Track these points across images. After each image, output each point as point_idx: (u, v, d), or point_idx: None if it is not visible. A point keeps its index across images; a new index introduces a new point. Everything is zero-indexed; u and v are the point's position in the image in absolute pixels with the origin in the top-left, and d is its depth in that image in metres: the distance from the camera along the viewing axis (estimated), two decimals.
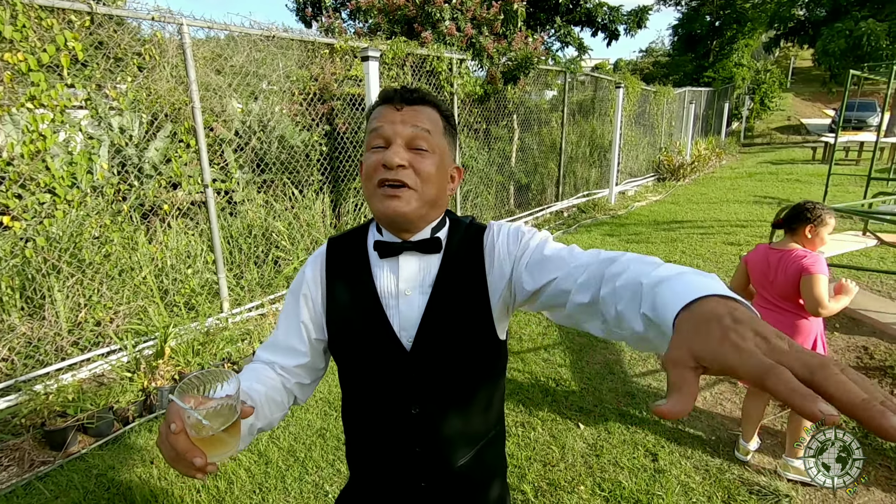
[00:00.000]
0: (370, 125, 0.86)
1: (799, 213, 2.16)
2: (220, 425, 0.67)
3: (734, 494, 2.19)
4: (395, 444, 0.91)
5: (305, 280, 0.93)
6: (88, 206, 3.16)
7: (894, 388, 2.97)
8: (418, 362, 0.87)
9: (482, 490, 0.98)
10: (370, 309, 0.88)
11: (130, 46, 3.20)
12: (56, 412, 2.63)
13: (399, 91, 0.85)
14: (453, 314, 0.87)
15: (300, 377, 0.94)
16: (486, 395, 0.95)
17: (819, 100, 26.77)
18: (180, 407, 0.65)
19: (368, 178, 0.84)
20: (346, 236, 0.95)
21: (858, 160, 13.73)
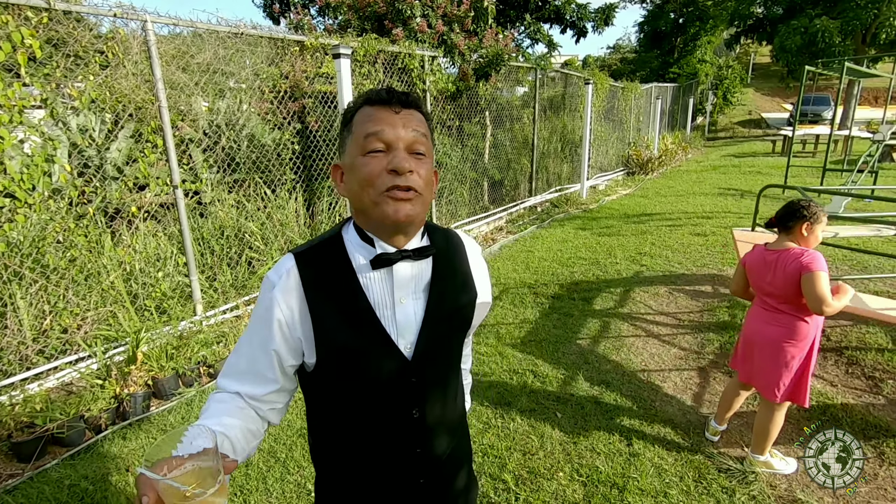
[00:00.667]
0: (363, 127, 0.81)
1: (795, 212, 2.12)
2: (201, 488, 0.58)
3: (704, 473, 2.29)
4: (396, 449, 0.91)
5: (276, 304, 0.82)
6: (51, 210, 3.05)
7: (849, 367, 3.14)
8: (419, 368, 0.88)
9: (460, 472, 1.04)
10: (366, 322, 0.83)
11: (92, 44, 3.09)
12: (23, 423, 2.54)
13: (395, 94, 0.82)
14: (448, 314, 0.91)
15: (272, 403, 0.87)
16: (460, 384, 1.03)
17: (778, 95, 27.80)
18: (150, 478, 0.57)
19: (369, 184, 0.79)
20: (317, 249, 0.87)
21: (815, 152, 14.35)
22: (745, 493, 2.16)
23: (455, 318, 0.92)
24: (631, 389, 3.01)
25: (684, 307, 4.17)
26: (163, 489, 0.57)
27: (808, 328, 2.11)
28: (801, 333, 2.11)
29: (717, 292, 4.41)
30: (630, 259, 5.40)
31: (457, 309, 0.92)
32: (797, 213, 2.12)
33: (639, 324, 3.90)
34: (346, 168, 0.85)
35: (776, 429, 2.23)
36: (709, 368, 3.23)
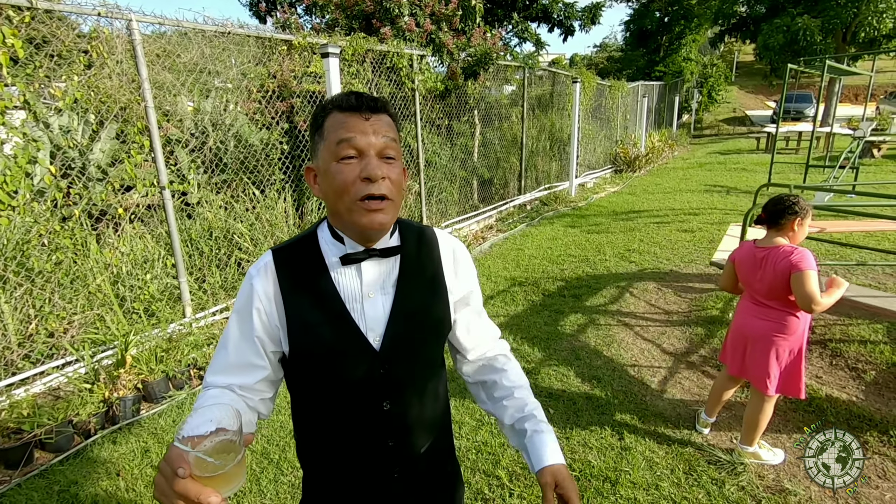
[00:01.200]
0: (335, 134, 0.83)
1: (786, 208, 2.12)
2: (227, 460, 0.64)
3: (694, 465, 2.33)
4: (368, 440, 0.93)
5: (255, 294, 0.87)
6: (35, 212, 3.01)
7: (833, 360, 3.21)
8: (387, 360, 0.91)
9: (440, 469, 1.06)
10: (336, 315, 0.88)
11: (76, 43, 3.05)
12: (10, 429, 2.50)
13: (364, 99, 0.83)
14: (415, 310, 0.94)
15: (262, 392, 0.91)
16: (440, 381, 1.03)
17: (761, 92, 28.22)
18: (183, 450, 0.63)
19: (344, 191, 0.82)
20: (292, 246, 0.92)
21: (798, 149, 14.59)
22: (734, 484, 2.20)
23: (424, 315, 0.95)
24: (622, 384, 3.04)
25: (673, 302, 4.23)
26: (193, 461, 0.63)
27: (798, 322, 2.15)
28: (791, 327, 2.14)
29: (705, 288, 4.48)
30: (619, 256, 5.46)
31: (425, 306, 0.95)
32: (789, 210, 2.13)
33: (629, 320, 3.94)
34: (320, 172, 0.87)
35: (765, 420, 2.27)
36: (698, 362, 3.28)
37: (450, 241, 1.03)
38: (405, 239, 0.96)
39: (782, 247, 2.11)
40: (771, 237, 2.20)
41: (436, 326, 0.97)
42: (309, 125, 0.90)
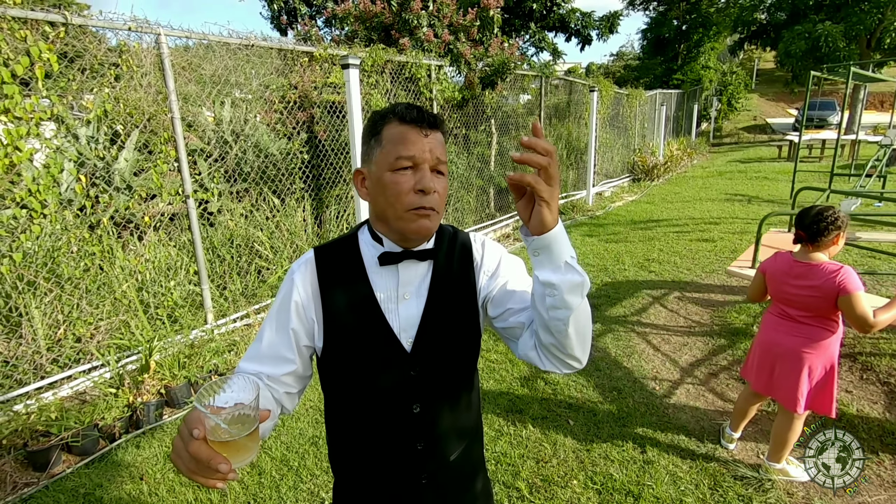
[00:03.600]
0: (390, 144, 0.86)
1: (829, 224, 2.01)
2: (241, 431, 0.67)
3: (720, 481, 2.27)
4: (397, 443, 0.94)
5: (295, 287, 0.91)
6: (66, 220, 3.09)
7: (863, 374, 3.11)
8: (419, 362, 0.92)
9: (471, 482, 1.05)
10: (370, 314, 0.91)
11: (107, 57, 3.15)
12: (38, 432, 2.56)
13: (425, 114, 0.88)
14: (448, 314, 0.95)
15: (288, 386, 0.93)
16: (472, 388, 1.04)
17: (782, 100, 27.76)
18: (202, 413, 0.65)
19: (397, 200, 0.86)
20: (333, 245, 0.96)
21: (821, 157, 14.28)
22: (762, 501, 2.14)
23: (456, 319, 0.96)
24: (643, 396, 2.99)
25: (694, 313, 4.15)
26: (209, 427, 0.65)
27: (832, 338, 2.07)
28: (823, 343, 2.07)
29: (727, 299, 4.39)
30: (638, 265, 5.39)
31: (457, 310, 0.96)
32: (832, 225, 2.01)
33: (649, 330, 3.88)
34: (372, 178, 0.90)
35: (794, 438, 2.21)
36: (721, 375, 3.21)
37: (479, 240, 1.04)
38: (439, 243, 0.98)
39: (824, 264, 2.01)
40: (808, 252, 2.09)
41: (466, 331, 0.97)
42: (364, 129, 0.93)
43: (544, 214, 0.74)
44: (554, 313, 0.80)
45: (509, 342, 0.98)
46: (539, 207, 0.74)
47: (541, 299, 0.80)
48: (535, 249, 0.78)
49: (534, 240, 0.77)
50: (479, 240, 1.03)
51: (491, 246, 1.03)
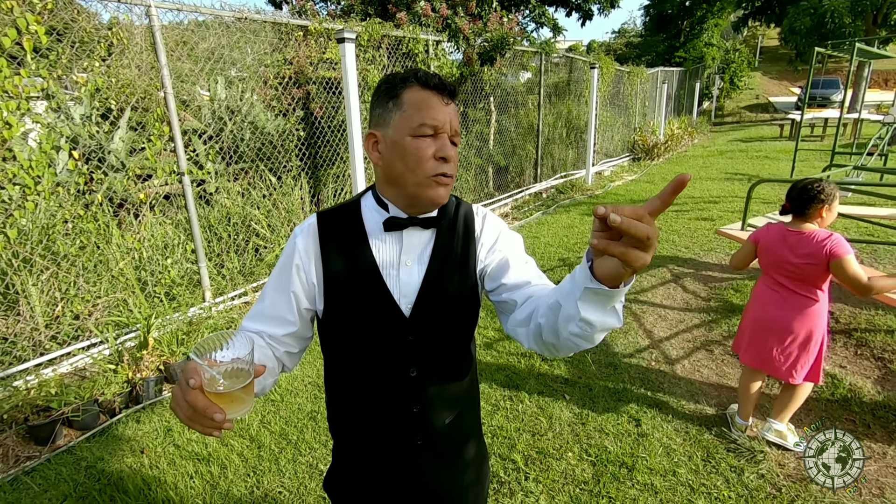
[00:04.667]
0: (412, 109, 0.85)
1: (813, 197, 2.07)
2: (236, 384, 0.69)
3: (713, 453, 2.30)
4: (393, 406, 0.96)
5: (297, 251, 0.93)
6: (60, 197, 3.07)
7: (858, 350, 3.14)
8: (417, 327, 0.93)
9: (465, 446, 1.07)
10: (371, 279, 0.91)
11: (97, 29, 3.08)
12: (39, 407, 2.58)
13: (447, 83, 0.88)
14: (447, 282, 0.95)
15: (288, 346, 0.96)
16: (468, 354, 1.05)
17: (785, 78, 27.42)
18: (198, 365, 0.67)
19: (417, 166, 0.86)
20: (336, 211, 0.96)
21: (823, 136, 14.17)
22: (753, 472, 2.18)
23: (455, 287, 0.96)
24: (639, 371, 3.01)
25: (692, 291, 4.16)
26: (206, 378, 0.67)
27: (821, 306, 2.12)
28: (816, 312, 2.12)
29: (725, 276, 4.40)
30: None
31: (456, 278, 0.96)
32: (816, 198, 2.07)
33: (646, 307, 3.90)
34: (388, 142, 0.88)
35: (798, 404, 2.29)
36: (716, 350, 3.23)
37: (482, 213, 1.05)
38: (443, 212, 0.98)
39: (815, 232, 2.07)
40: (798, 223, 2.15)
41: (464, 299, 0.98)
42: (379, 92, 0.91)
43: (625, 275, 0.63)
44: (574, 340, 0.76)
45: (500, 315, 0.99)
46: (622, 270, 0.62)
47: (568, 322, 0.74)
48: (595, 292, 0.69)
49: (599, 287, 0.67)
50: (481, 212, 1.04)
51: (492, 220, 1.03)
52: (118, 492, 2.19)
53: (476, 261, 0.99)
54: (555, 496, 2.09)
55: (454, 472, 1.04)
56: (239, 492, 2.19)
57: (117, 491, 2.19)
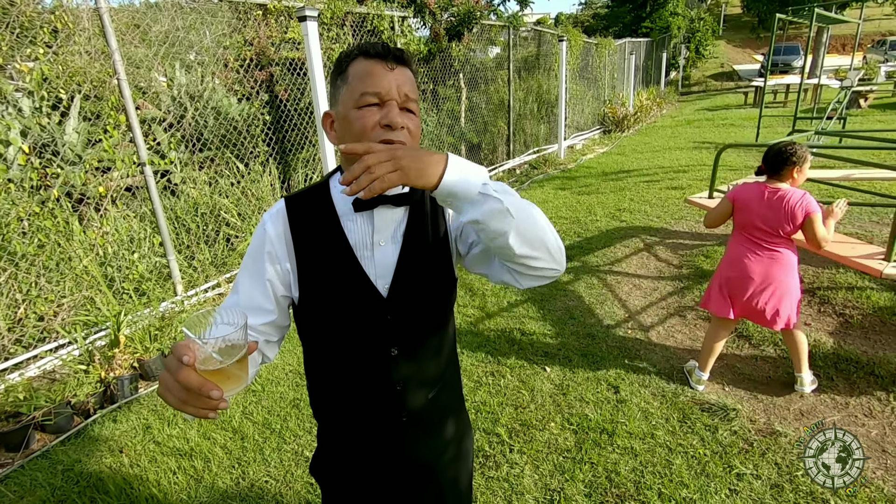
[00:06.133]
0: (356, 81, 0.83)
1: (785, 159, 2.23)
2: (231, 359, 0.66)
3: (688, 414, 2.39)
4: (377, 386, 0.96)
5: (268, 238, 0.90)
6: (13, 194, 2.92)
7: (821, 307, 3.27)
8: (395, 307, 0.92)
9: (449, 418, 1.09)
10: (345, 261, 0.89)
11: (38, 14, 2.90)
12: (8, 413, 2.49)
13: (391, 50, 0.84)
14: (423, 259, 0.95)
15: (267, 335, 0.93)
16: (448, 330, 1.05)
17: (749, 46, 27.85)
18: (192, 340, 0.64)
19: (362, 136, 0.82)
20: (304, 194, 0.94)
21: (785, 102, 14.51)
22: (727, 429, 2.27)
23: (432, 264, 0.95)
24: (616, 340, 3.08)
25: (664, 259, 4.26)
26: (200, 356, 0.64)
27: (794, 258, 2.31)
28: (793, 262, 2.30)
29: (696, 243, 4.50)
30: (610, 216, 5.46)
31: (432, 255, 0.96)
32: (789, 160, 2.23)
33: (621, 278, 3.97)
34: (339, 118, 0.88)
35: (806, 344, 2.45)
36: (689, 315, 3.33)
37: None
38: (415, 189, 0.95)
39: (791, 190, 2.23)
40: (773, 182, 2.29)
41: (442, 275, 0.97)
42: (332, 72, 0.89)
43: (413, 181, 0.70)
44: (496, 242, 0.78)
45: (483, 274, 0.98)
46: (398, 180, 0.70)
47: (478, 236, 0.81)
48: (441, 201, 0.76)
49: (433, 195, 0.74)
50: None
51: None
52: (98, 493, 2.14)
53: (448, 231, 0.98)
54: (539, 465, 2.14)
55: (439, 446, 1.05)
56: (224, 484, 2.17)
57: (97, 492, 2.15)
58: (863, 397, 2.44)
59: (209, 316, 0.71)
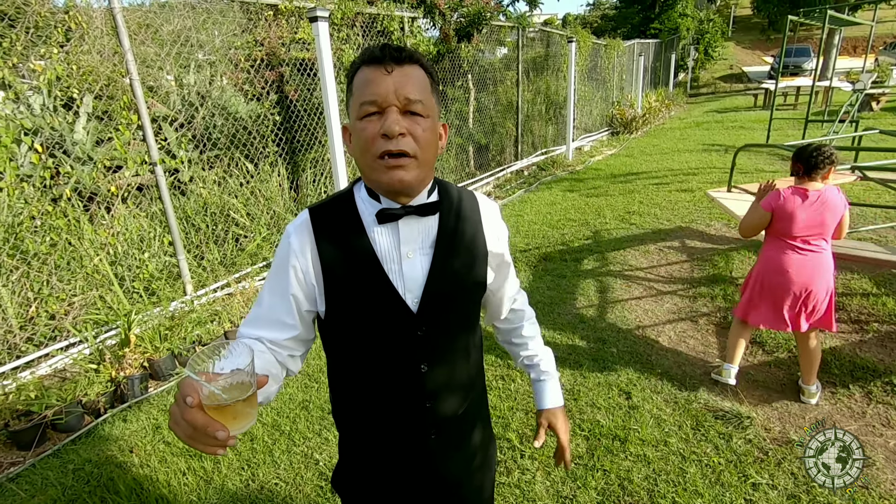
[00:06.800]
0: (357, 91, 0.81)
1: (824, 159, 2.26)
2: (238, 397, 0.64)
3: (701, 421, 2.36)
4: (405, 403, 0.93)
5: (293, 251, 0.86)
6: (25, 193, 2.93)
7: (836, 313, 3.22)
8: (425, 322, 0.89)
9: (475, 431, 1.06)
10: (373, 274, 0.86)
11: (52, 14, 2.91)
12: (19, 412, 2.50)
13: (387, 50, 0.79)
14: (455, 271, 0.91)
15: (291, 349, 0.91)
16: (476, 343, 1.02)
17: (758, 47, 27.64)
18: (195, 381, 0.63)
19: (366, 149, 0.80)
20: (330, 204, 0.90)
21: (796, 104, 14.38)
22: (741, 438, 2.24)
23: (463, 276, 0.92)
24: (627, 345, 3.06)
25: (675, 262, 4.22)
26: (205, 394, 0.63)
27: (831, 256, 2.36)
28: (830, 263, 2.35)
29: (707, 247, 4.46)
30: (619, 218, 5.42)
31: (463, 267, 0.92)
32: (828, 159, 2.26)
33: (632, 281, 3.94)
34: (351, 130, 0.85)
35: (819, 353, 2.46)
36: (701, 320, 3.29)
37: (487, 202, 1.01)
38: (444, 198, 0.92)
39: (829, 189, 2.27)
40: (807, 184, 2.31)
41: (473, 288, 0.95)
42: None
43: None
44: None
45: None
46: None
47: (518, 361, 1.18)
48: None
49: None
50: (488, 204, 1.00)
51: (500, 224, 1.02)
52: (109, 493, 2.14)
53: (486, 247, 0.96)
54: (551, 472, 2.12)
55: (466, 458, 1.03)
56: (234, 486, 2.17)
57: (108, 492, 2.15)
58: (880, 406, 2.40)
59: (216, 350, 0.69)
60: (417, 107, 0.80)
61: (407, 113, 0.80)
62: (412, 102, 0.79)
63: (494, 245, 0.98)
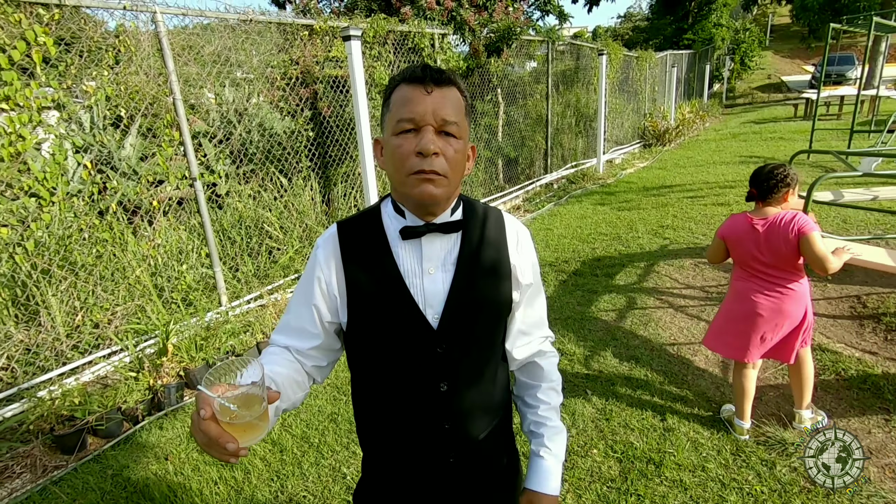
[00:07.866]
0: (396, 107, 0.83)
1: (778, 182, 2.10)
2: (249, 411, 0.68)
3: (742, 446, 2.25)
4: (424, 423, 0.92)
5: (318, 263, 0.90)
6: (76, 207, 3.09)
7: (888, 335, 3.05)
8: (445, 339, 0.89)
9: (499, 457, 1.03)
10: (394, 289, 0.87)
11: (104, 38, 3.08)
12: (63, 417, 2.61)
13: (428, 71, 0.82)
14: (478, 288, 0.91)
15: (316, 359, 0.93)
16: (499, 363, 1.01)
17: (798, 56, 26.80)
18: (208, 395, 0.66)
19: (400, 164, 0.82)
20: (357, 219, 0.93)
21: (839, 114, 13.83)
22: (785, 465, 2.12)
23: (485, 294, 0.92)
24: (661, 364, 2.96)
25: (711, 279, 4.09)
26: (217, 407, 0.67)
27: (801, 291, 2.16)
28: (795, 297, 2.14)
29: None
30: (652, 232, 5.30)
31: (486, 285, 0.92)
32: (783, 182, 2.10)
33: (665, 298, 3.83)
34: (385, 144, 0.88)
35: (812, 375, 2.30)
36: None
37: (514, 223, 1.00)
38: (468, 216, 0.94)
39: (782, 215, 2.09)
40: (763, 209, 2.17)
41: (496, 307, 0.94)
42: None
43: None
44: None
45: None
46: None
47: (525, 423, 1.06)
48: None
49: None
50: (515, 224, 1.00)
51: (529, 246, 1.00)
52: (144, 499, 2.20)
53: (510, 267, 0.95)
54: (581, 494, 2.06)
55: (487, 483, 1.01)
56: (263, 496, 2.19)
57: (143, 498, 2.21)
58: None
59: (231, 367, 0.73)
60: (452, 128, 0.83)
61: (441, 133, 0.82)
62: (448, 124, 0.82)
63: (518, 263, 0.97)
